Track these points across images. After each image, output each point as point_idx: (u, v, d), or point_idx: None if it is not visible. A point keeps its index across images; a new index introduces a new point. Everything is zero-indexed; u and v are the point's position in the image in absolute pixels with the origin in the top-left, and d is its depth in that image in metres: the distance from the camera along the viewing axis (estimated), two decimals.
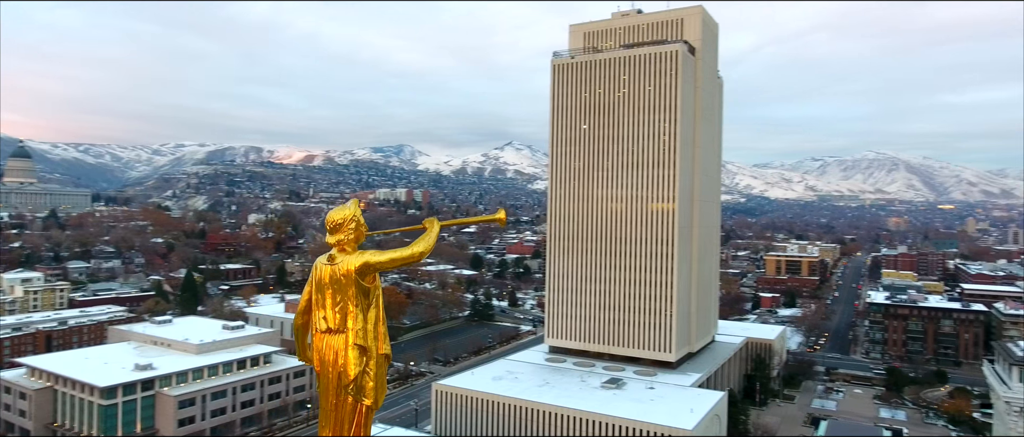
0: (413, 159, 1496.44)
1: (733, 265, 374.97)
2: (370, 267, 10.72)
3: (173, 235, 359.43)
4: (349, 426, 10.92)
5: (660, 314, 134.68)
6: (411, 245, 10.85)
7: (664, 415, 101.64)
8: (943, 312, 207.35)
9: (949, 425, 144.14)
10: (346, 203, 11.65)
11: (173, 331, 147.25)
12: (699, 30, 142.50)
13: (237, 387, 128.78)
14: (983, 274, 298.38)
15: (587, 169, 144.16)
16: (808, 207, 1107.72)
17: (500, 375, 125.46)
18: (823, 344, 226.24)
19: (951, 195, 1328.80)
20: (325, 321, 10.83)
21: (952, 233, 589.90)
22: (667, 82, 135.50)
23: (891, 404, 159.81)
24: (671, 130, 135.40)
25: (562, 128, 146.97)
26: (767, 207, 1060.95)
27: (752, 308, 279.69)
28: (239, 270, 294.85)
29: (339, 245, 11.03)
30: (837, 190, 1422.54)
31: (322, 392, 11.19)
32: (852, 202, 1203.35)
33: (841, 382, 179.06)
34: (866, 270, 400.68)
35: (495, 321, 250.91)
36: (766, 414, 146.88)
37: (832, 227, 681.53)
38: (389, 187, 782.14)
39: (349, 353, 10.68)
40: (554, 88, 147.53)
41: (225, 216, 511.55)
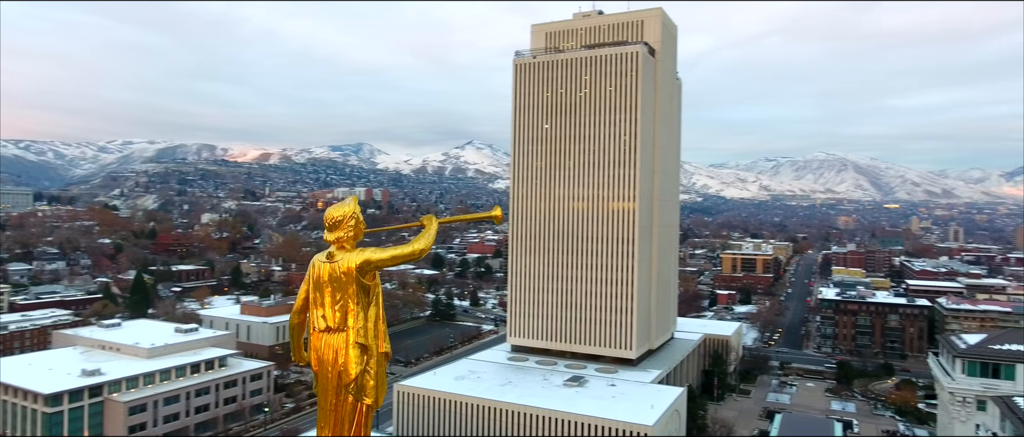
0: (372, 158, 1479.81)
1: (691, 263, 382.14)
2: (371, 264, 10.57)
3: (121, 235, 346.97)
4: (349, 425, 10.76)
5: (621, 312, 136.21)
6: (411, 242, 10.71)
7: (626, 412, 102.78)
8: (890, 307, 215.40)
9: (896, 416, 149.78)
10: (345, 200, 11.47)
11: (122, 335, 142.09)
12: (659, 32, 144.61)
13: (191, 392, 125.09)
14: (926, 271, 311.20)
15: (549, 168, 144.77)
16: (762, 206, 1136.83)
17: (462, 375, 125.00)
18: (777, 339, 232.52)
19: (896, 195, 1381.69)
20: (324, 320, 10.65)
21: (897, 231, 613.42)
22: (628, 83, 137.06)
23: (842, 397, 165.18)
24: (632, 130, 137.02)
25: (524, 127, 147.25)
26: (723, 206, 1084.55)
27: (709, 305, 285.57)
28: (192, 271, 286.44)
29: (338, 243, 10.86)
30: (790, 190, 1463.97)
31: (321, 391, 10.95)
32: (804, 201, 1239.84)
33: (795, 376, 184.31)
34: (817, 267, 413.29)
35: (457, 321, 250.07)
36: (723, 408, 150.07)
37: (785, 226, 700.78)
38: (348, 186, 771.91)
39: (350, 352, 10.51)
40: (516, 87, 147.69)
41: (177, 216, 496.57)
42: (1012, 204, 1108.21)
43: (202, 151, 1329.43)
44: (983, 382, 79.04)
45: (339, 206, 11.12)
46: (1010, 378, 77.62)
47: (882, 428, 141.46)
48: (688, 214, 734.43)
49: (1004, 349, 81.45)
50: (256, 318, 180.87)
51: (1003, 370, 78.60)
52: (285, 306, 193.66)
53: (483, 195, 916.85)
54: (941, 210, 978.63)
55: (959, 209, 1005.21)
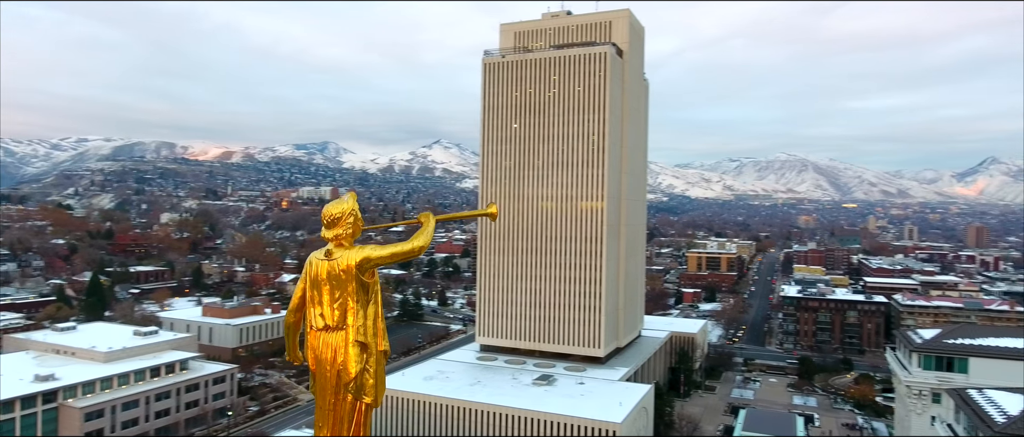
0: (338, 157, 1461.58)
1: (657, 262, 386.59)
2: (370, 262, 10.45)
3: (76, 236, 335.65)
4: (348, 425, 10.62)
5: (589, 311, 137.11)
6: (411, 239, 10.62)
7: (594, 410, 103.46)
8: (848, 304, 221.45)
9: (855, 409, 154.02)
10: (343, 197, 11.29)
11: (78, 338, 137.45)
12: (626, 33, 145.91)
13: (150, 396, 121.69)
14: (883, 268, 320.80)
15: (518, 168, 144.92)
16: (726, 206, 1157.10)
17: (431, 375, 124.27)
18: (741, 336, 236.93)
19: (854, 194, 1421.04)
20: (322, 318, 10.50)
21: (855, 230, 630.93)
22: (596, 83, 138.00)
23: (803, 391, 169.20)
24: (600, 130, 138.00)
25: (493, 127, 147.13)
26: (688, 206, 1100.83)
27: (675, 303, 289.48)
28: (151, 273, 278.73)
29: (337, 240, 10.73)
30: (752, 190, 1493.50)
31: (319, 391, 10.76)
32: (766, 201, 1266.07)
33: (758, 372, 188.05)
34: (779, 265, 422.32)
35: (425, 321, 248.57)
36: (689, 405, 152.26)
37: (748, 225, 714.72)
38: (313, 185, 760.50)
39: (349, 350, 10.38)
40: (485, 87, 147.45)
41: (135, 215, 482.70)
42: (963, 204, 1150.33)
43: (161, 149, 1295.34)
44: (938, 375, 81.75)
45: (338, 203, 11.00)
46: (963, 371, 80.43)
47: (842, 421, 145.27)
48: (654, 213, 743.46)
49: (957, 343, 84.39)
50: (219, 320, 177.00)
51: (956, 363, 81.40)
52: (249, 307, 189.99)
53: (451, 194, 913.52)
54: (896, 210, 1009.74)
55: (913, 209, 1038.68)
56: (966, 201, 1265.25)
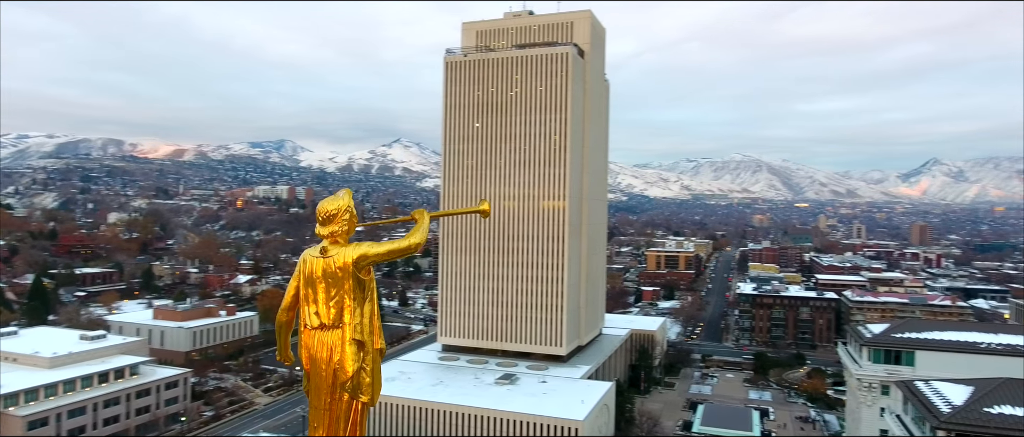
0: (295, 155, 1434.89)
1: (617, 261, 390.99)
2: (367, 259, 10.26)
3: (17, 236, 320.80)
4: (344, 425, 10.42)
5: (551, 310, 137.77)
6: (406, 237, 10.44)
7: (557, 408, 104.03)
8: (801, 301, 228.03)
9: (808, 402, 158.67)
10: (338, 193, 11.05)
11: (20, 344, 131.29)
12: (588, 34, 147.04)
13: (98, 403, 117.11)
14: (833, 265, 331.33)
15: (480, 167, 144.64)
16: (684, 205, 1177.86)
17: (393, 376, 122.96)
18: (699, 333, 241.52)
19: (806, 194, 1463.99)
20: (317, 317, 10.33)
21: (807, 229, 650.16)
22: (558, 83, 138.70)
23: (759, 386, 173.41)
24: (562, 130, 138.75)
25: (455, 126, 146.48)
26: (647, 205, 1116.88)
27: (635, 301, 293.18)
28: (98, 274, 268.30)
29: (332, 237, 10.53)
30: (709, 189, 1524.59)
31: (313, 391, 10.53)
32: (722, 201, 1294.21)
33: (715, 368, 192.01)
34: (735, 263, 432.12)
35: (386, 321, 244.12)
36: (649, 401, 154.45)
37: (705, 224, 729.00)
38: (269, 184, 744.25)
39: (346, 349, 10.21)
40: (447, 85, 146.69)
41: (80, 215, 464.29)
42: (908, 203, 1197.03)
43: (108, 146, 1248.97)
44: (887, 368, 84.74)
45: (333, 199, 10.79)
46: (910, 364, 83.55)
47: (795, 415, 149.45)
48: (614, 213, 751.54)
49: (904, 337, 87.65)
50: (171, 323, 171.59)
51: (904, 356, 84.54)
52: (202, 310, 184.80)
53: (411, 194, 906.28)
54: (845, 209, 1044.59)
55: (861, 208, 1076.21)
56: (910, 201, 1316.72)
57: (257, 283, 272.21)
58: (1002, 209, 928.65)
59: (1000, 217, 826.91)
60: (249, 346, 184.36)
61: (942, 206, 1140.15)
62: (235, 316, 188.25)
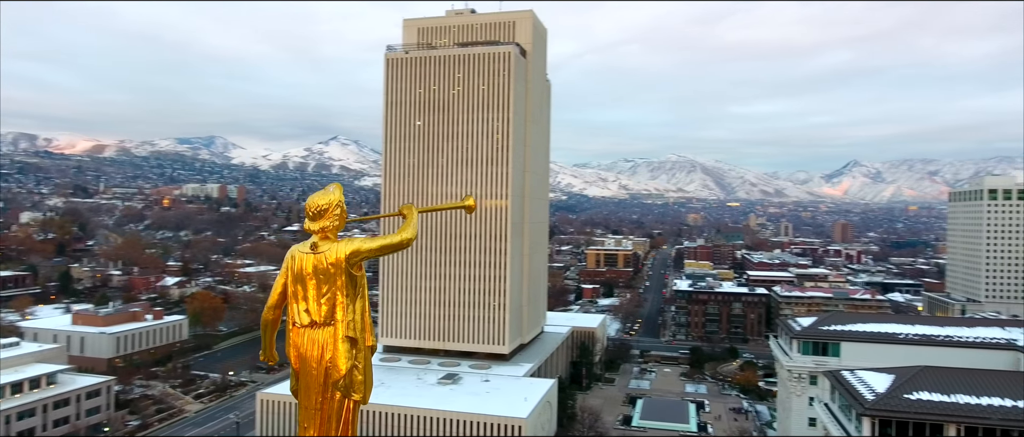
0: (226, 152, 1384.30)
1: (557, 259, 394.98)
2: (360, 255, 10.04)
3: None
4: (336, 424, 10.16)
5: (494, 308, 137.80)
6: (398, 232, 10.23)
7: (500, 406, 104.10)
8: (734, 296, 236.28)
9: (741, 394, 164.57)
10: (327, 187, 10.77)
11: None
12: (530, 34, 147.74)
13: (11, 415, 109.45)
14: (763, 262, 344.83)
15: (422, 166, 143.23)
16: (621, 205, 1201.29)
17: None
18: (638, 329, 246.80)
19: (737, 194, 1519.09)
20: (307, 314, 10.04)
21: (738, 227, 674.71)
22: (500, 82, 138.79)
23: (694, 380, 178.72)
24: (504, 129, 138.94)
25: (396, 124, 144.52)
26: (586, 205, 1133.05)
27: (575, 299, 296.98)
28: (9, 278, 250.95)
29: (322, 232, 10.27)
30: (646, 189, 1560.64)
31: (303, 390, 10.21)
32: (658, 200, 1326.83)
33: (654, 363, 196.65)
34: (671, 261, 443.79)
35: None
36: (591, 397, 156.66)
37: (642, 223, 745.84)
38: (199, 182, 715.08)
39: (339, 346, 9.95)
40: (388, 83, 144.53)
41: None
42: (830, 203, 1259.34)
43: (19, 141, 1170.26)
44: (815, 359, 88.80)
45: (323, 194, 10.56)
46: (836, 355, 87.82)
47: (729, 406, 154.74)
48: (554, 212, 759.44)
49: (831, 329, 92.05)
50: (92, 328, 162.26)
51: (830, 348, 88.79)
52: (127, 314, 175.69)
53: (349, 192, 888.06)
54: (774, 208, 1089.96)
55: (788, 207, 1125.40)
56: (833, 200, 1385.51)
57: (186, 285, 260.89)
58: (915, 208, 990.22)
59: (913, 216, 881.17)
60: (178, 351, 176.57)
61: (862, 205, 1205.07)
62: (163, 320, 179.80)
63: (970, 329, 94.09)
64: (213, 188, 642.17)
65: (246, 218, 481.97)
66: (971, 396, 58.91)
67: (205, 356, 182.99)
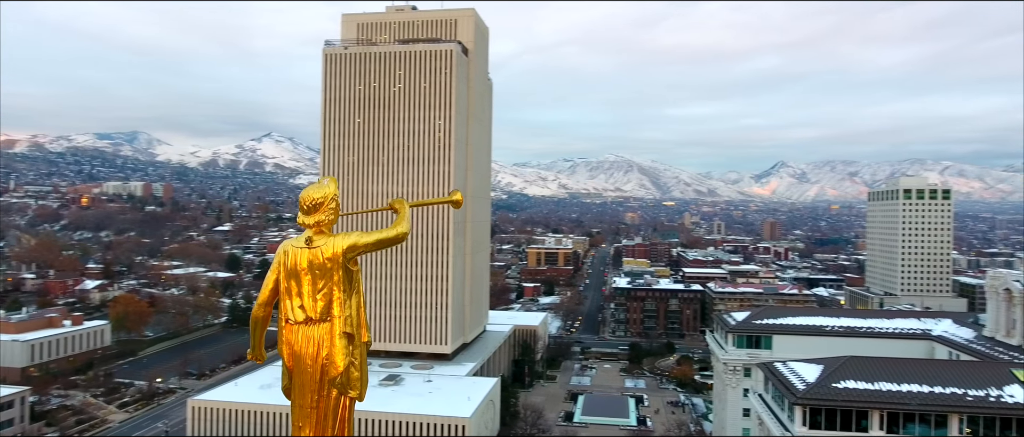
0: (151, 148, 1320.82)
1: (499, 258, 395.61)
2: (357, 249, 9.84)
3: None
4: (333, 423, 9.91)
5: (436, 308, 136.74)
6: (393, 226, 10.14)
7: (443, 406, 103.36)
8: (670, 293, 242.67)
9: (678, 388, 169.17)
10: (321, 180, 10.52)
11: None
12: (472, 32, 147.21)
13: None
14: (698, 260, 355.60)
15: (362, 164, 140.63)
16: (561, 204, 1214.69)
17: (269, 383, 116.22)
18: (578, 327, 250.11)
19: (672, 193, 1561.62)
20: (302, 311, 9.79)
21: (674, 226, 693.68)
22: (442, 80, 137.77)
23: (634, 375, 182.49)
24: (446, 128, 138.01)
25: (334, 121, 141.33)
26: (526, 204, 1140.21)
27: (517, 298, 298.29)
28: None
29: (317, 227, 10.02)
30: (585, 188, 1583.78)
31: (297, 390, 9.92)
32: (597, 199, 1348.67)
33: (594, 359, 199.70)
34: (610, 259, 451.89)
35: None
36: (533, 395, 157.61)
37: (582, 222, 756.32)
38: (120, 180, 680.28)
39: (336, 343, 9.73)
40: (326, 79, 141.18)
41: None
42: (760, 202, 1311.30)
43: None
44: (749, 352, 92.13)
45: (318, 187, 10.30)
46: (768, 347, 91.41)
47: (667, 400, 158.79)
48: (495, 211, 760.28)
49: (763, 323, 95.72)
50: (3, 336, 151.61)
51: (763, 341, 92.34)
52: (42, 320, 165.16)
53: (284, 191, 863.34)
54: (707, 207, 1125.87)
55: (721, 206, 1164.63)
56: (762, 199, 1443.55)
57: (108, 289, 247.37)
58: (837, 207, 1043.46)
59: (835, 214, 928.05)
60: (100, 358, 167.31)
61: (788, 204, 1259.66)
62: (83, 326, 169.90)
63: (889, 320, 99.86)
64: (136, 186, 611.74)
65: (173, 218, 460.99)
66: (892, 383, 62.40)
67: (130, 363, 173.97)
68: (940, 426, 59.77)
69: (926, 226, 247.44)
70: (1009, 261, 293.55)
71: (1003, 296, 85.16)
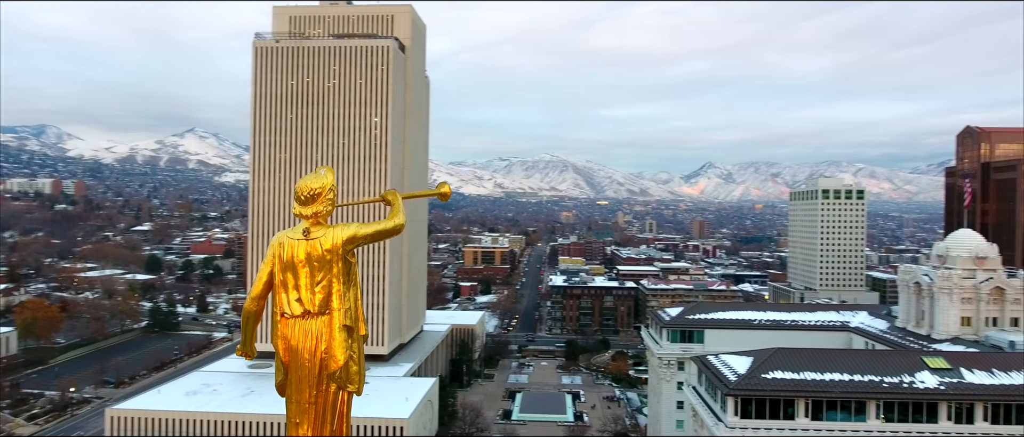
0: (61, 143, 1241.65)
1: (435, 257, 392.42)
2: (357, 240, 9.65)
3: None
4: (332, 419, 9.64)
5: (373, 308, 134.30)
6: (390, 217, 9.98)
7: (381, 407, 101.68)
8: (605, 290, 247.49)
9: (613, 383, 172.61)
10: (318, 171, 10.22)
11: None
12: (409, 29, 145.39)
13: None
14: (631, 258, 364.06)
15: (294, 161, 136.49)
16: (497, 203, 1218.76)
17: (195, 389, 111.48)
18: (515, 325, 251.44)
19: (606, 193, 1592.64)
20: (300, 304, 9.50)
21: (608, 225, 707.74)
22: (379, 76, 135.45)
23: (570, 371, 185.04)
24: (383, 125, 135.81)
25: (266, 117, 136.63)
26: (462, 203, 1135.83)
27: (454, 297, 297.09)
28: None
29: (315, 218, 9.78)
30: (521, 188, 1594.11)
31: (294, 386, 9.58)
32: (533, 198, 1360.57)
33: (531, 357, 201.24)
34: (546, 258, 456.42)
35: (181, 330, 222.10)
36: (471, 394, 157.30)
37: (517, 221, 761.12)
38: (27, 176, 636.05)
39: (336, 336, 9.47)
40: (257, 73, 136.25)
41: None
42: (689, 201, 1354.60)
43: None
44: (682, 346, 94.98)
45: (315, 177, 10.06)
46: (700, 341, 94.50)
47: (603, 395, 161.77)
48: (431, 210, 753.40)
49: (696, 318, 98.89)
50: None
51: (696, 335, 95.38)
52: None
53: (208, 189, 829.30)
54: (639, 206, 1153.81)
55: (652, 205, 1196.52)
56: (691, 199, 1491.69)
57: (13, 293, 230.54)
58: (761, 207, 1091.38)
59: (759, 213, 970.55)
60: (5, 368, 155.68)
61: (716, 204, 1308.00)
62: None
63: (811, 314, 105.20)
64: (45, 183, 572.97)
65: (86, 217, 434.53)
66: (816, 373, 65.67)
67: (39, 372, 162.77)
68: (859, 412, 63.36)
69: (843, 224, 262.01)
70: (915, 257, 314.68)
71: (913, 289, 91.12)
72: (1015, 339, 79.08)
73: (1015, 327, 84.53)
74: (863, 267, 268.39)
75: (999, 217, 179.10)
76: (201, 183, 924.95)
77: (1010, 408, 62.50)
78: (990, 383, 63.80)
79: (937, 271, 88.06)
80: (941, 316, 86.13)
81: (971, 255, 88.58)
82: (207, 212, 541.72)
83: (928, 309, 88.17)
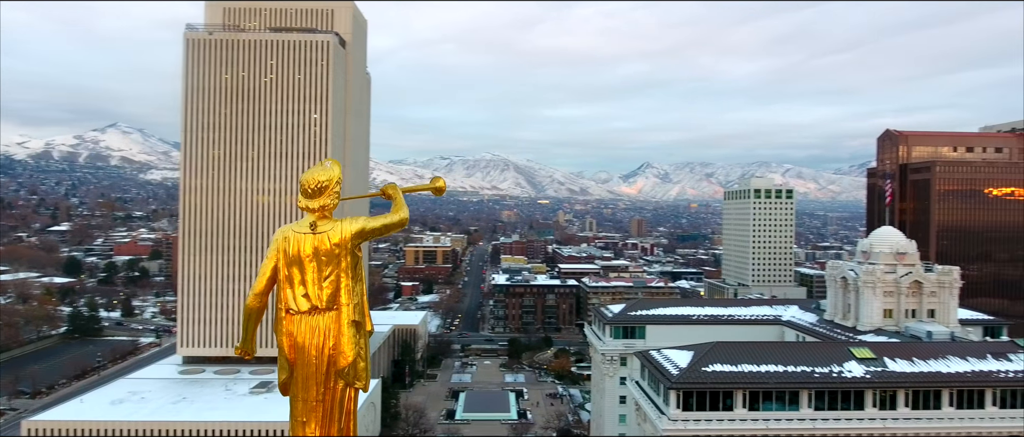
0: None
1: (375, 257, 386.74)
2: (365, 234, 9.50)
3: None
4: (339, 416, 9.41)
5: None
6: (394, 211, 9.84)
7: None
8: (547, 289, 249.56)
9: (556, 380, 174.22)
10: (324, 163, 9.93)
11: None
12: (350, 24, 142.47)
13: None
14: (572, 256, 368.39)
15: (228, 158, 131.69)
16: (438, 201, 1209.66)
17: (121, 398, 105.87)
18: (458, 324, 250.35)
19: (547, 192, 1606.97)
20: (307, 300, 9.26)
21: (549, 223, 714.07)
22: (318, 72, 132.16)
23: (513, 370, 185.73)
24: (322, 122, 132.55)
25: (198, 112, 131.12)
26: None
27: (395, 297, 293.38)
28: None
29: (322, 211, 9.55)
30: (462, 186, 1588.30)
31: (301, 383, 9.27)
32: (474, 197, 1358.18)
33: (474, 356, 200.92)
34: (488, 256, 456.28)
35: (104, 336, 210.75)
36: (414, 394, 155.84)
37: (459, 220, 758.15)
38: None
39: (345, 332, 9.23)
40: (189, 66, 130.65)
41: None
42: (628, 201, 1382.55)
43: None
44: (625, 342, 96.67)
45: (322, 170, 9.79)
46: (642, 337, 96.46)
47: (546, 392, 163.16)
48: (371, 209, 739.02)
49: (638, 314, 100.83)
50: None
51: (637, 331, 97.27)
52: None
53: (132, 187, 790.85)
54: (579, 205, 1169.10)
55: (592, 204, 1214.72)
56: (630, 198, 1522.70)
57: None
58: (695, 206, 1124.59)
59: (695, 212, 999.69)
60: None
61: (653, 203, 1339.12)
62: None
63: (746, 308, 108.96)
64: None
65: None
66: (753, 365, 68.02)
67: None
68: (793, 402, 66.02)
69: (773, 223, 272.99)
70: (839, 254, 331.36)
71: (840, 284, 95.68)
72: (932, 329, 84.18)
73: (932, 318, 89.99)
74: (792, 263, 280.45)
75: (916, 215, 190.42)
76: (125, 181, 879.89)
77: (928, 394, 66.48)
78: (911, 371, 67.67)
79: (862, 267, 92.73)
80: (866, 309, 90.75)
81: (892, 251, 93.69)
82: (132, 211, 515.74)
83: (854, 302, 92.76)
